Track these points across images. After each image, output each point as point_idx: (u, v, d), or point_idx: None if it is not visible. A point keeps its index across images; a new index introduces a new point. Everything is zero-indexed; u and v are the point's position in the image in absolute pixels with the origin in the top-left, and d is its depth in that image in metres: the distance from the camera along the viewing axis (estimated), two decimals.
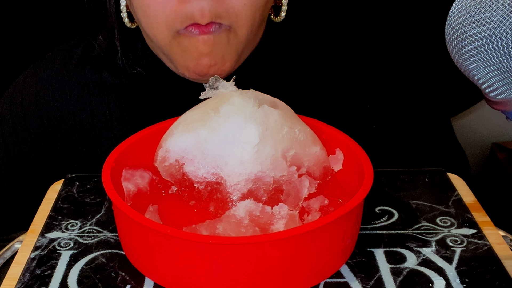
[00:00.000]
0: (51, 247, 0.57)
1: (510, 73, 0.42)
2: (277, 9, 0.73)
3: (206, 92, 0.59)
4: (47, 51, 0.81)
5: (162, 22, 0.64)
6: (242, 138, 0.54)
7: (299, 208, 0.54)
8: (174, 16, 0.63)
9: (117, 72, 0.75)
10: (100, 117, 0.76)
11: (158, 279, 0.52)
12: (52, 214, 0.61)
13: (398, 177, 0.66)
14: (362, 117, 0.77)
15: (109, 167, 0.55)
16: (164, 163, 0.56)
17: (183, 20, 0.63)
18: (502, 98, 0.44)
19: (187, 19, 0.63)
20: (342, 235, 0.51)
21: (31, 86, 0.77)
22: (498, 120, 1.18)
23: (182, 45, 0.66)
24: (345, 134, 0.61)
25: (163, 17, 0.64)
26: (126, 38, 0.74)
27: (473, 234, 0.57)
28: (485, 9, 0.41)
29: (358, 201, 0.50)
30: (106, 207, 0.62)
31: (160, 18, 0.64)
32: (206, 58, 0.65)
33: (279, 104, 0.58)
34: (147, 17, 0.65)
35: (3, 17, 1.11)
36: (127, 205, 0.50)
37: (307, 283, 0.51)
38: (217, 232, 0.51)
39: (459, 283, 0.51)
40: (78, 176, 0.67)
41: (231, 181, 0.54)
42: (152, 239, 0.50)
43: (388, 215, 0.60)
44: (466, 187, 0.65)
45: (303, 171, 0.56)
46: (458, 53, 0.44)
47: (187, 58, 0.67)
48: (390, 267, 0.53)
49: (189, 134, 0.55)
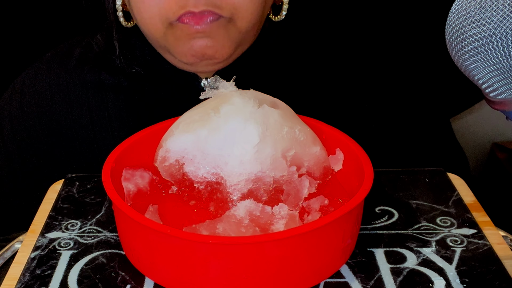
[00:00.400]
0: (51, 247, 0.57)
1: (510, 73, 0.42)
2: (276, 9, 0.73)
3: (206, 92, 0.59)
4: (45, 52, 0.81)
5: (155, 16, 0.65)
6: (242, 138, 0.54)
7: (299, 208, 0.54)
8: (168, 7, 0.63)
9: (116, 72, 0.75)
10: (99, 118, 0.76)
11: (158, 279, 0.52)
12: (52, 214, 0.61)
13: (398, 177, 0.66)
14: (362, 117, 0.77)
15: (109, 167, 0.55)
16: (164, 163, 0.56)
17: (176, 9, 0.63)
18: (502, 98, 0.44)
19: (180, 8, 0.63)
20: (342, 235, 0.51)
21: (30, 86, 0.77)
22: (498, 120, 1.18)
23: (176, 34, 0.66)
24: (345, 134, 0.61)
25: (157, 10, 0.64)
26: (125, 37, 0.75)
27: (473, 234, 0.57)
28: (485, 9, 0.41)
29: (358, 201, 0.50)
30: (106, 207, 0.62)
31: (153, 11, 0.64)
32: (200, 40, 0.65)
33: (279, 104, 0.58)
34: (141, 12, 0.66)
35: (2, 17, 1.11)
36: (127, 205, 0.50)
37: (307, 283, 0.51)
38: (217, 232, 0.51)
39: (459, 283, 0.51)
40: (78, 176, 0.67)
41: (231, 181, 0.54)
42: (152, 239, 0.50)
43: (388, 215, 0.60)
44: (466, 187, 0.65)
45: (303, 171, 0.56)
46: (458, 53, 0.44)
47: (181, 43, 0.67)
48: (390, 267, 0.53)
49: (189, 134, 0.55)
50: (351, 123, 0.71)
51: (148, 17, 0.66)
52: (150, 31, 0.68)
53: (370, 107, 0.77)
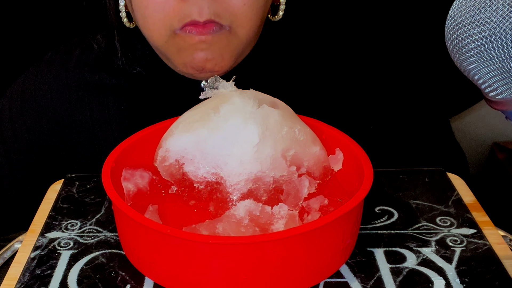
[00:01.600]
0: (51, 247, 0.57)
1: (510, 73, 0.42)
2: (274, 8, 0.73)
3: (206, 92, 0.59)
4: (45, 53, 0.81)
5: (159, 22, 0.64)
6: (242, 138, 0.54)
7: (299, 208, 0.54)
8: (173, 15, 0.63)
9: (116, 73, 0.75)
10: (99, 118, 0.76)
11: (158, 279, 0.52)
12: (52, 214, 0.61)
13: (398, 177, 0.66)
14: (362, 117, 0.77)
15: (109, 167, 0.55)
16: (164, 163, 0.56)
17: (181, 18, 0.63)
18: (502, 98, 0.44)
19: (185, 16, 0.63)
20: (342, 235, 0.51)
21: (30, 87, 0.77)
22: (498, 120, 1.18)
23: (178, 44, 0.66)
24: (345, 134, 0.61)
25: (161, 16, 0.64)
26: (126, 38, 0.74)
27: (473, 234, 0.57)
28: (485, 9, 0.41)
29: (358, 201, 0.50)
30: (106, 207, 0.62)
31: (157, 18, 0.64)
32: (202, 53, 0.65)
33: (279, 104, 0.58)
34: (145, 17, 0.65)
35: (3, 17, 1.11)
36: (127, 205, 0.50)
37: (307, 283, 0.51)
38: (217, 232, 0.51)
39: (459, 283, 0.51)
40: (78, 176, 0.67)
41: (231, 181, 0.54)
42: (152, 239, 0.50)
43: (388, 215, 0.60)
44: (466, 187, 0.65)
45: (303, 171, 0.56)
46: (458, 53, 0.44)
47: (182, 55, 0.67)
48: (390, 267, 0.53)
49: (189, 134, 0.55)
50: (351, 123, 0.71)
51: (151, 23, 0.65)
52: (152, 37, 0.67)
53: (370, 107, 0.77)
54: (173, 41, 0.65)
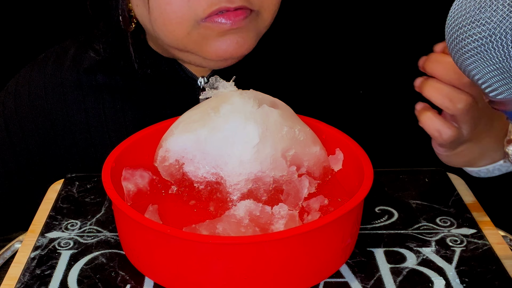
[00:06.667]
0: (51, 247, 0.57)
1: (510, 73, 0.42)
2: None
3: (206, 92, 0.59)
4: (39, 53, 0.80)
5: (184, 15, 0.62)
6: (242, 138, 0.54)
7: (299, 208, 0.54)
8: (198, 5, 0.61)
9: (112, 72, 0.75)
10: (95, 118, 0.75)
11: (158, 279, 0.52)
12: (52, 214, 0.61)
13: (398, 177, 0.66)
14: (362, 117, 0.77)
15: (109, 167, 0.55)
16: (164, 163, 0.56)
17: (207, 6, 0.61)
18: (502, 98, 0.44)
19: (212, 4, 0.61)
20: (342, 235, 0.51)
21: (24, 88, 0.77)
22: None
23: (202, 35, 0.63)
24: (345, 134, 0.61)
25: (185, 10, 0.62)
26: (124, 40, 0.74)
27: (473, 234, 0.57)
28: (485, 9, 0.41)
29: (358, 201, 0.50)
30: (106, 207, 0.62)
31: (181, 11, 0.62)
32: (232, 40, 0.64)
33: (279, 104, 0.58)
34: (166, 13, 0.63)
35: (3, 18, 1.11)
36: (127, 205, 0.50)
37: (307, 283, 0.51)
38: (217, 232, 0.51)
39: (459, 283, 0.51)
40: (78, 176, 0.67)
41: (231, 181, 0.54)
42: (152, 239, 0.50)
43: (388, 215, 0.60)
44: (466, 187, 0.65)
45: (303, 171, 0.56)
46: (458, 53, 0.44)
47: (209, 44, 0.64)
48: (390, 267, 0.53)
49: (189, 134, 0.55)
50: (351, 123, 0.71)
51: (175, 17, 0.63)
52: (173, 32, 0.65)
53: (370, 107, 0.77)
54: (197, 32, 0.64)
